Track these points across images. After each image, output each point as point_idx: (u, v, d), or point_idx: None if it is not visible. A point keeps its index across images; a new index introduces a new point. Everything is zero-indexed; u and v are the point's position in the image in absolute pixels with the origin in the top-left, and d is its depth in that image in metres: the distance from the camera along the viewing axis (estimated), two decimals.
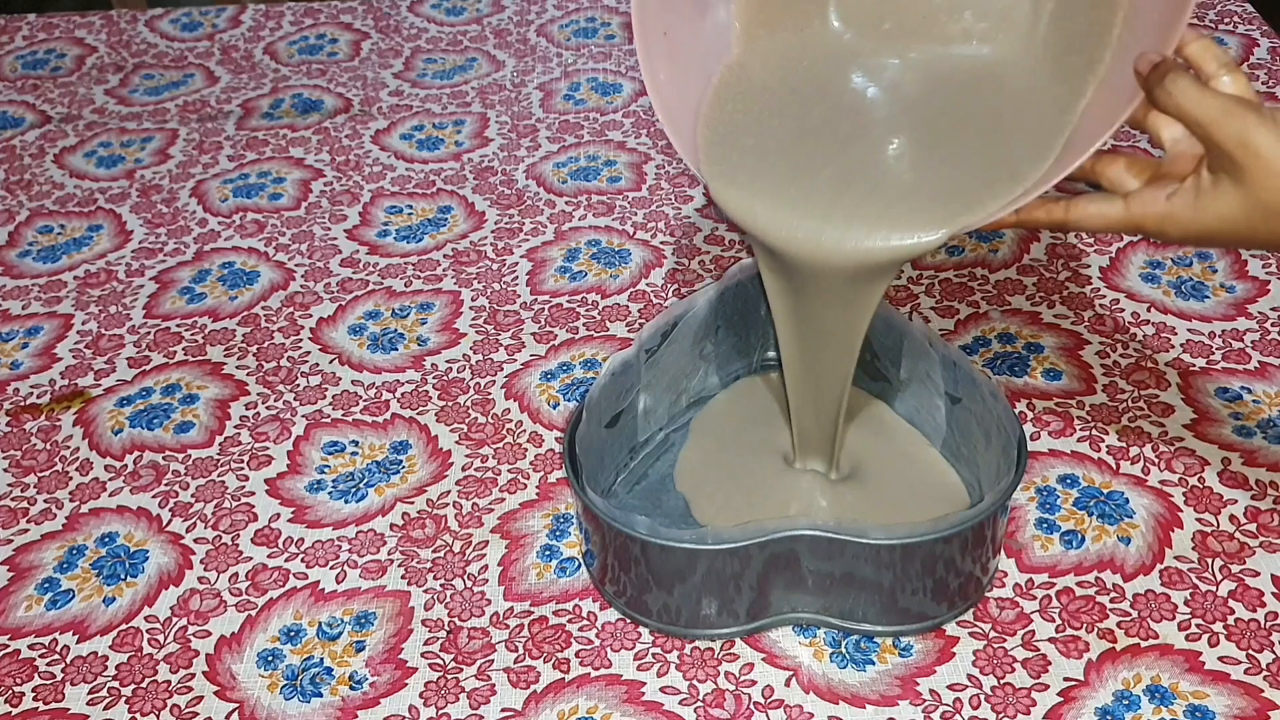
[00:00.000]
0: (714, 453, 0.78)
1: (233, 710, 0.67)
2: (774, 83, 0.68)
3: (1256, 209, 0.52)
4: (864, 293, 0.64)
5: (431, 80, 1.24)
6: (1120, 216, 0.56)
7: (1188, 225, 0.54)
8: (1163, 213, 0.55)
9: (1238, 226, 0.53)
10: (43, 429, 0.85)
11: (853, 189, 0.63)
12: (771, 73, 0.69)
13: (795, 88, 0.68)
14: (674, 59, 0.67)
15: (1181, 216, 0.54)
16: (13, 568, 0.75)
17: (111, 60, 1.31)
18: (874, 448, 0.77)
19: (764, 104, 0.68)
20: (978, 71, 0.68)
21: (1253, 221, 0.52)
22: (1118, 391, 0.83)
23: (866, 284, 0.64)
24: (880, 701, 0.66)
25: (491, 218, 1.03)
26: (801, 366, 0.70)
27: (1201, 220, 0.53)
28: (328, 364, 0.89)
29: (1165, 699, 0.65)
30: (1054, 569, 0.72)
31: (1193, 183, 0.54)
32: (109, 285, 0.98)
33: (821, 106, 0.68)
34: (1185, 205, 0.54)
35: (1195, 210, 0.53)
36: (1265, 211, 0.51)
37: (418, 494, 0.79)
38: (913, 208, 0.62)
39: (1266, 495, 0.75)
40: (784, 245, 0.63)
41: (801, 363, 0.70)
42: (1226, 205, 0.52)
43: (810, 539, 0.65)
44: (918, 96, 0.68)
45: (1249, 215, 0.52)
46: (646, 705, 0.66)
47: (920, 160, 0.65)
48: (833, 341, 0.67)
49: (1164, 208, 0.54)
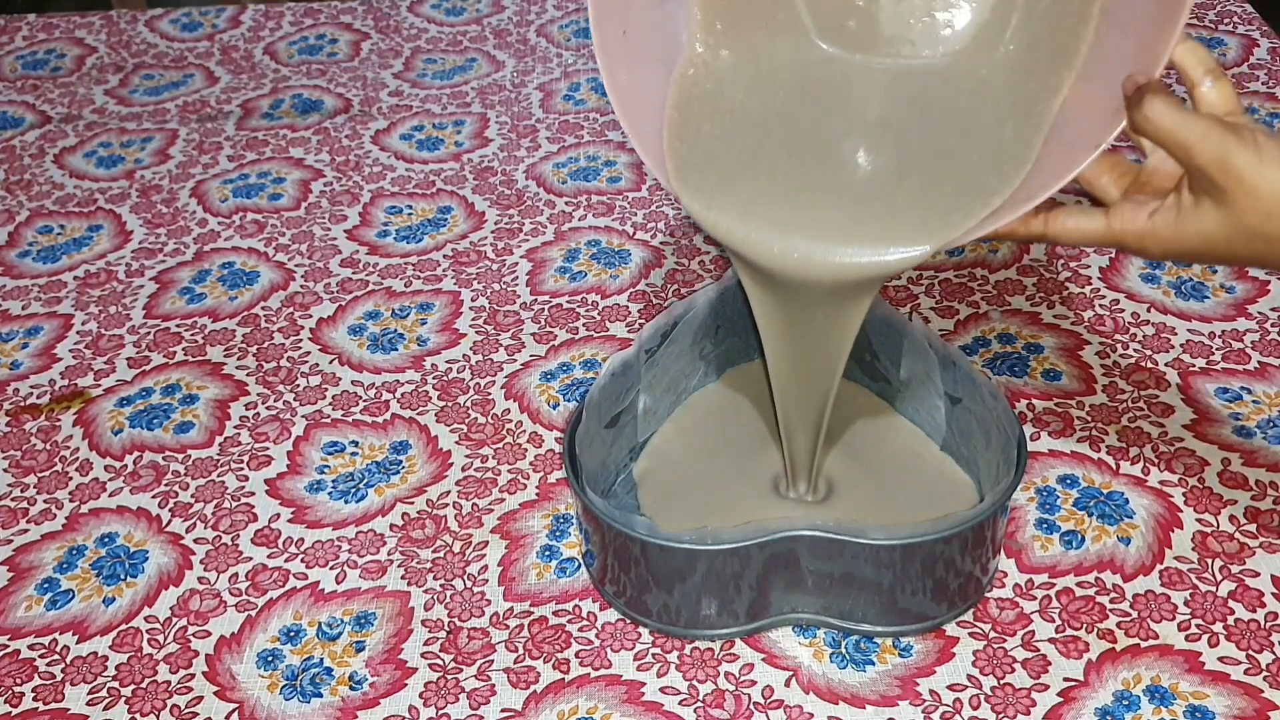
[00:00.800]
0: (683, 460, 0.77)
1: (232, 710, 0.67)
2: (742, 93, 0.66)
3: (1238, 230, 0.51)
4: (846, 309, 0.63)
5: (431, 80, 1.24)
6: (1100, 231, 0.56)
7: (1169, 243, 0.54)
8: (1144, 230, 0.54)
9: (1218, 246, 0.53)
10: (42, 429, 0.85)
11: (831, 204, 0.62)
12: (739, 81, 0.67)
13: (765, 98, 0.66)
14: (634, 58, 0.64)
15: (1163, 234, 0.54)
16: (12, 568, 0.75)
17: (111, 60, 1.31)
18: (878, 447, 0.77)
19: (733, 115, 0.66)
20: (951, 74, 0.66)
21: (1234, 243, 0.52)
22: (1118, 392, 0.83)
23: (849, 300, 0.63)
24: (880, 702, 0.66)
25: (491, 218, 1.03)
26: (787, 379, 0.69)
27: (1183, 239, 0.53)
28: (328, 364, 0.89)
29: (1165, 699, 0.65)
30: (1054, 569, 0.72)
31: (1174, 201, 0.53)
32: (109, 285, 0.98)
33: (793, 118, 0.66)
34: (1167, 224, 0.54)
35: (1176, 229, 0.53)
36: (1248, 233, 0.51)
37: (418, 494, 0.79)
38: (894, 224, 0.61)
39: (1266, 495, 0.76)
40: (764, 261, 0.61)
41: (786, 375, 0.69)
42: (1208, 225, 0.52)
43: (810, 539, 0.65)
44: (891, 105, 0.66)
45: (1230, 236, 0.52)
46: (646, 706, 0.66)
47: (898, 173, 0.63)
48: (816, 357, 0.66)
49: (1145, 225, 0.54)
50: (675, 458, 0.77)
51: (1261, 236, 0.51)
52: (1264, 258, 0.52)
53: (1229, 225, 0.52)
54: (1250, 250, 0.52)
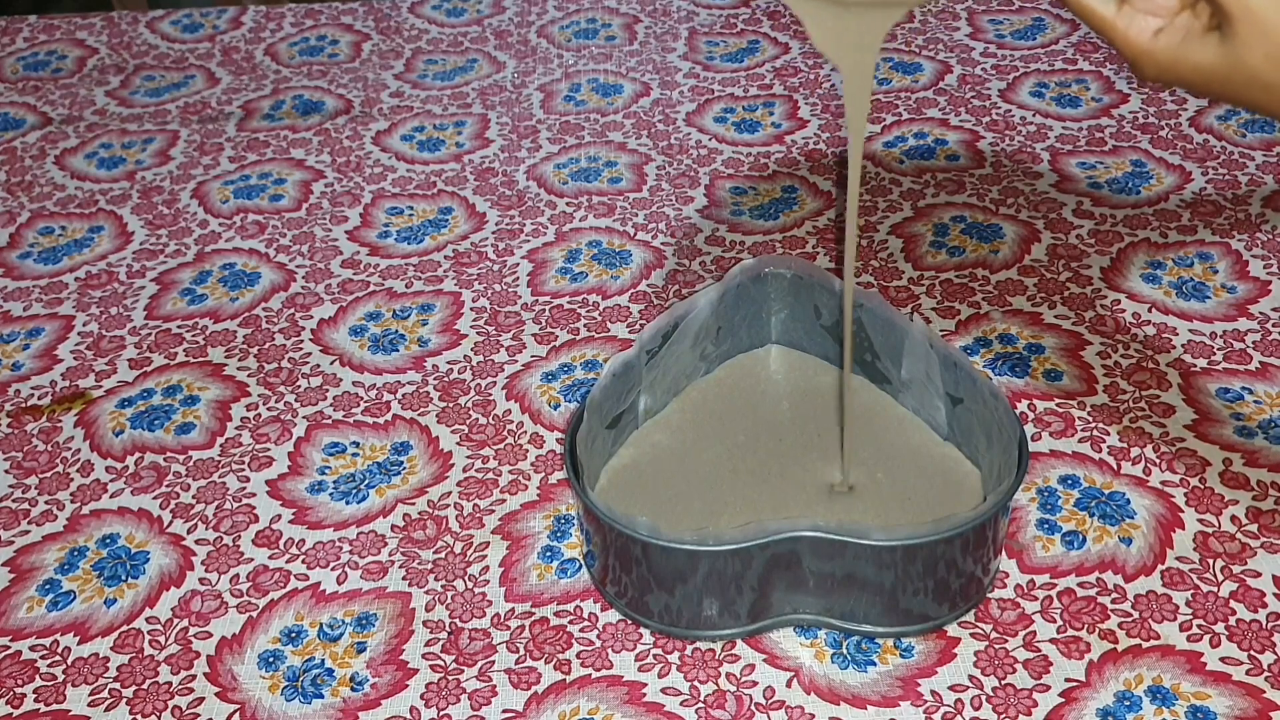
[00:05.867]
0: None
1: (234, 711, 0.67)
2: None
3: (1237, 69, 0.48)
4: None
5: (432, 81, 1.24)
6: (1104, 21, 0.51)
7: (1164, 70, 0.51)
8: (1144, 48, 0.51)
9: (1212, 84, 0.49)
10: (44, 430, 0.85)
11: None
12: None
13: None
14: None
15: (1161, 59, 0.50)
16: (14, 569, 0.75)
17: (112, 62, 1.31)
18: (884, 443, 0.77)
19: None
20: None
21: (1231, 83, 0.49)
22: (1119, 392, 0.83)
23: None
24: (881, 702, 0.66)
25: (492, 219, 1.03)
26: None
27: (1179, 68, 0.50)
28: (329, 365, 0.89)
29: (1167, 700, 0.65)
30: (1055, 570, 0.72)
31: (1183, 22, 0.50)
32: (110, 286, 0.98)
33: None
34: (1168, 48, 0.50)
35: (1175, 55, 0.50)
36: (1247, 75, 0.48)
37: (419, 495, 0.79)
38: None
39: (1268, 496, 0.75)
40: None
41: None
42: (1208, 58, 0.49)
43: (811, 540, 0.65)
44: None
45: (1228, 74, 0.48)
46: (648, 706, 0.66)
47: None
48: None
49: (1146, 44, 0.51)
50: (676, 457, 0.77)
51: (1261, 84, 0.48)
52: (1259, 106, 0.49)
53: (1229, 62, 0.48)
54: (1248, 96, 0.49)
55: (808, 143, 1.12)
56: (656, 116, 1.17)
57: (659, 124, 1.15)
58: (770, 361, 0.84)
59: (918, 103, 1.17)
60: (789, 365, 0.83)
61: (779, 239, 0.99)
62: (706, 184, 1.07)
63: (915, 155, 1.09)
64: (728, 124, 1.15)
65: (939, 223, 1.00)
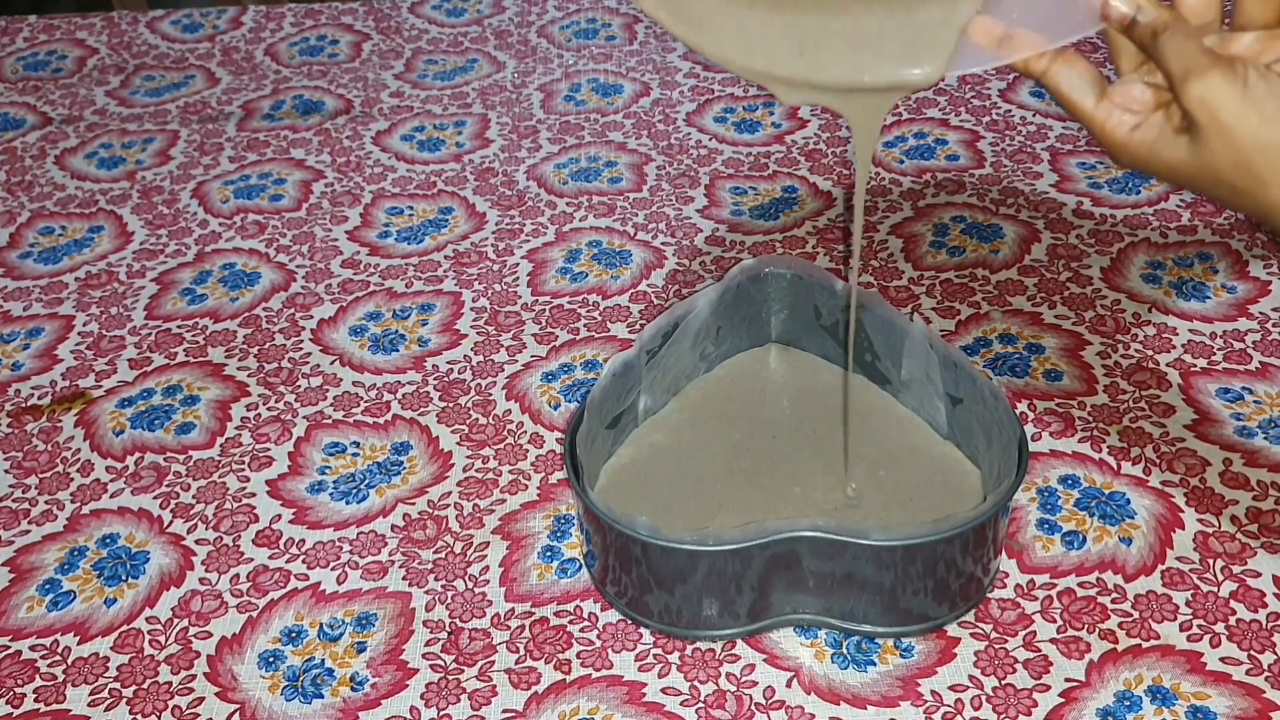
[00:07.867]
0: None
1: (234, 711, 0.67)
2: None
3: (1203, 170, 0.50)
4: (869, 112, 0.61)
5: (432, 81, 1.24)
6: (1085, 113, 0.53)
7: (1138, 163, 0.52)
8: (1121, 141, 0.53)
9: (1181, 180, 0.51)
10: (44, 430, 0.85)
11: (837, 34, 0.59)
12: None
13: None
14: None
15: (1136, 153, 0.52)
16: (14, 569, 0.75)
17: (112, 62, 1.31)
18: (884, 443, 0.77)
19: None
20: None
21: (1198, 182, 0.50)
22: (1119, 392, 0.83)
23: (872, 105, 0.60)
24: (881, 702, 0.66)
25: (492, 219, 1.03)
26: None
27: (1151, 164, 0.52)
28: (329, 365, 0.89)
29: (1167, 700, 0.65)
30: (1055, 570, 0.72)
31: (1157, 121, 0.52)
32: (110, 286, 0.98)
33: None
34: (1142, 144, 0.52)
35: (1149, 151, 0.52)
36: (1213, 177, 0.49)
37: (419, 495, 0.79)
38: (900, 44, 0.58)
39: (1268, 496, 0.75)
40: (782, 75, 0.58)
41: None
42: (1178, 157, 0.50)
43: (811, 540, 0.65)
44: None
45: (1195, 174, 0.50)
46: (648, 706, 0.66)
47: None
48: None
49: (1123, 137, 0.52)
50: (676, 457, 0.77)
51: (1226, 185, 0.49)
52: (1227, 203, 0.50)
53: (1197, 164, 0.50)
54: (1214, 194, 0.50)
55: (808, 143, 1.12)
56: (656, 116, 1.17)
57: (659, 124, 1.15)
58: (770, 361, 0.84)
59: (918, 103, 1.17)
60: (789, 365, 0.83)
61: (779, 239, 0.99)
62: (706, 184, 1.07)
63: (915, 155, 1.09)
64: (728, 124, 1.15)
65: (939, 223, 1.00)
